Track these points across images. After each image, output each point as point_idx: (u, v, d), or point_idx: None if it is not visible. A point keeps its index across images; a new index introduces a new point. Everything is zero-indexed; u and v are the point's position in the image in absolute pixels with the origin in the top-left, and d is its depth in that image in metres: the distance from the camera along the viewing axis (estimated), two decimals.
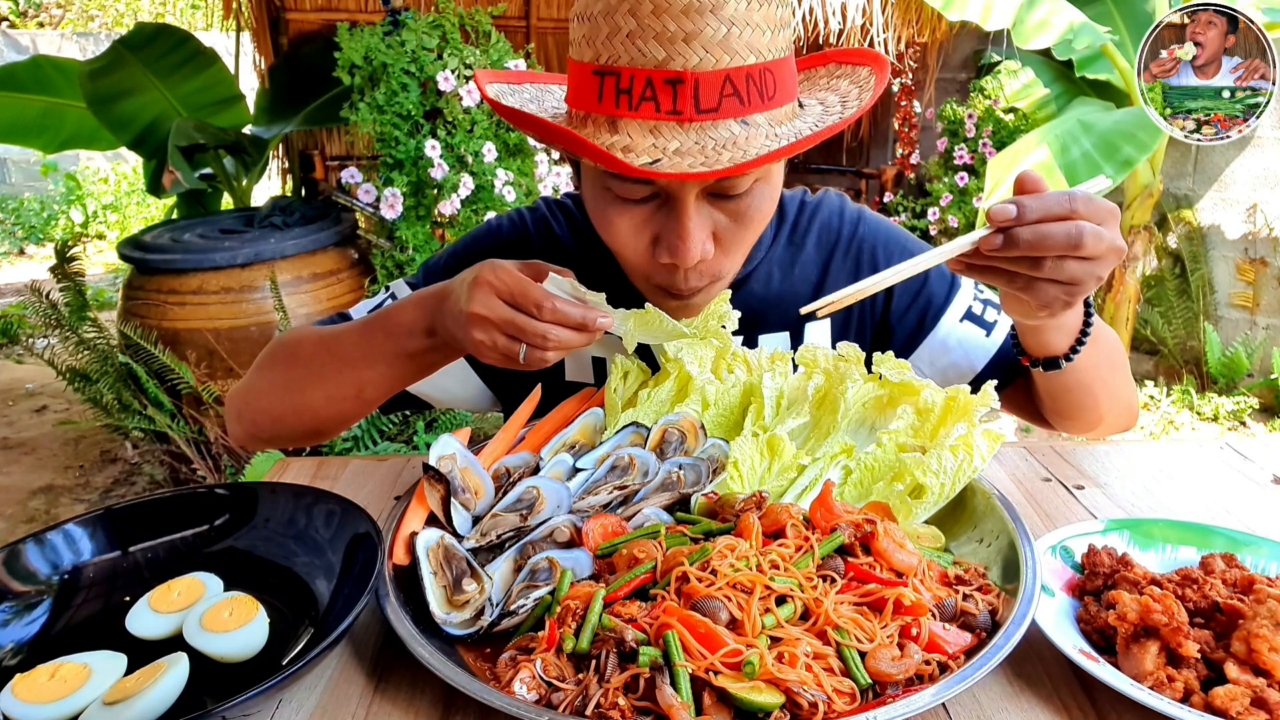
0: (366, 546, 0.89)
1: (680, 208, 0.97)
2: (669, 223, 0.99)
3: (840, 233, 1.27)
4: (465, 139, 3.80)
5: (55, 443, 4.66)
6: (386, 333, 1.10)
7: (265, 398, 1.22)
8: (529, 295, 0.93)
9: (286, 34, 5.01)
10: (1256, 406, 4.60)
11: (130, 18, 11.95)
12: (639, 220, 1.01)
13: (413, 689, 0.79)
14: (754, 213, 1.02)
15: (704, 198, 0.99)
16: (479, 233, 1.33)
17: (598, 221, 1.06)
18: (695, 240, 0.98)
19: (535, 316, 0.93)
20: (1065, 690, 0.78)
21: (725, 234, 1.02)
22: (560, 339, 0.93)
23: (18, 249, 9.06)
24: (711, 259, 1.03)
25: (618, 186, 0.99)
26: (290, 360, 1.22)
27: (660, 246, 1.01)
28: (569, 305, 0.94)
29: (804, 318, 1.24)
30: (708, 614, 0.73)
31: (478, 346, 0.97)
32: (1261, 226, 4.69)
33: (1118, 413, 1.24)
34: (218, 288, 3.75)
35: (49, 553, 0.95)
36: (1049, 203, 0.84)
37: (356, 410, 1.20)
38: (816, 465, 1.00)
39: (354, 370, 1.14)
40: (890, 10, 5.38)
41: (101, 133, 4.55)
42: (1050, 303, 0.90)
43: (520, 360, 0.95)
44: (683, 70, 0.89)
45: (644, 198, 0.99)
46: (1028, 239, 0.84)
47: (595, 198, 1.04)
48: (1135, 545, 0.95)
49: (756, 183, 1.00)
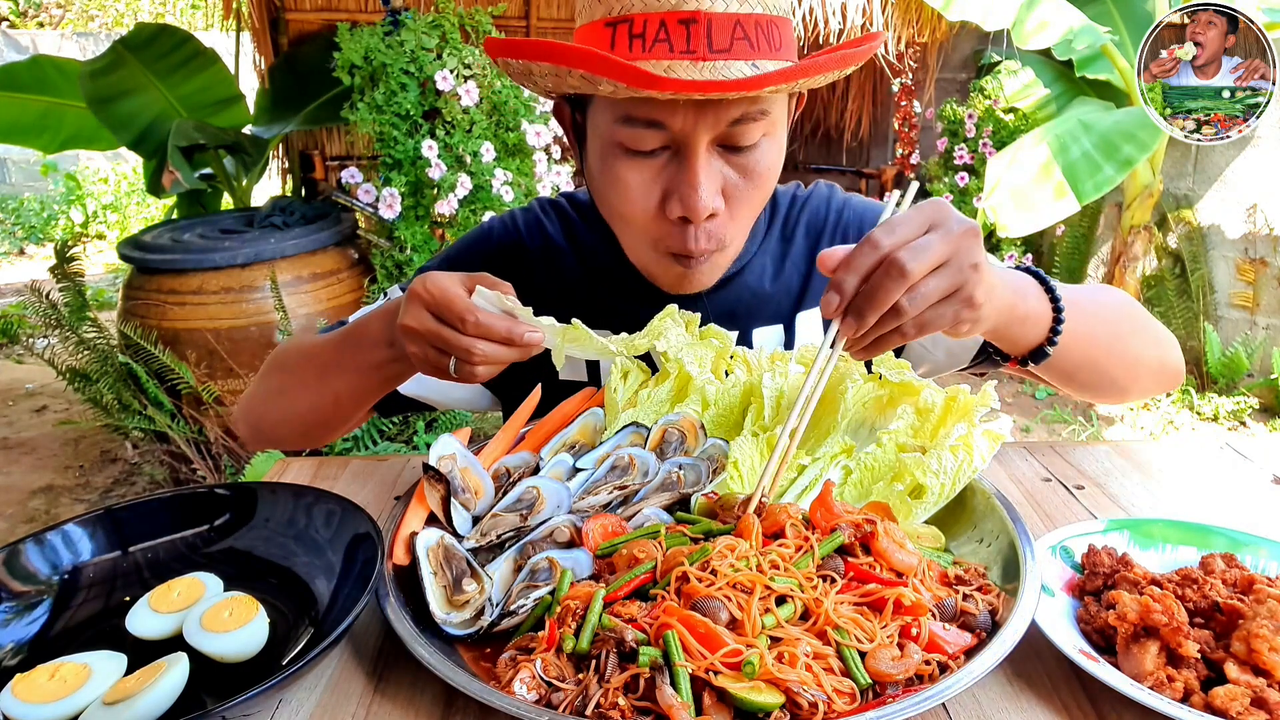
0: (366, 546, 0.89)
1: (691, 155, 0.98)
2: (680, 174, 1.00)
3: (826, 220, 1.29)
4: (464, 139, 3.80)
5: (55, 443, 4.66)
6: (356, 344, 1.13)
7: (263, 404, 1.28)
8: (453, 308, 0.93)
9: (286, 34, 5.00)
10: (1256, 406, 4.60)
11: (130, 18, 11.96)
12: (650, 175, 1.02)
13: (413, 689, 0.79)
14: (762, 169, 1.03)
15: (714, 151, 1.00)
16: (472, 236, 1.34)
17: (608, 184, 1.05)
18: (706, 190, 0.99)
19: (460, 330, 0.93)
20: (1065, 690, 0.78)
21: (734, 191, 1.03)
22: (486, 353, 0.93)
23: (18, 249, 9.06)
24: (719, 220, 1.04)
25: (629, 137, 1.00)
26: (280, 369, 1.27)
27: (671, 200, 1.02)
28: (494, 319, 0.93)
29: (795, 310, 1.25)
30: (708, 614, 0.73)
31: (413, 359, 0.99)
32: (1261, 226, 4.69)
33: (1146, 375, 1.19)
34: (218, 288, 3.75)
35: (49, 553, 0.95)
36: (859, 262, 0.82)
37: (337, 418, 1.24)
38: (816, 465, 1.00)
39: (330, 380, 1.18)
40: (890, 10, 5.38)
41: (101, 133, 4.55)
42: (955, 324, 0.86)
43: (451, 373, 0.96)
44: (696, 10, 0.91)
45: (655, 149, 1.00)
46: (862, 307, 0.82)
47: (605, 158, 1.04)
48: (1135, 545, 0.95)
49: (764, 138, 1.02)
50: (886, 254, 0.81)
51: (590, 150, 1.08)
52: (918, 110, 6.49)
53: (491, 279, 0.98)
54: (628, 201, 1.04)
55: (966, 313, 0.86)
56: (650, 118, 0.97)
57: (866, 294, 0.82)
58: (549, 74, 0.98)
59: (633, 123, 0.98)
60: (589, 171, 1.11)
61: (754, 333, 1.25)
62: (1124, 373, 1.17)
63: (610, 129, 1.01)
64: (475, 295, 0.94)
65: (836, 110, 7.25)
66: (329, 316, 3.84)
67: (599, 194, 1.11)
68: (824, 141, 7.56)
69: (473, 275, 0.99)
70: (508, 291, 0.96)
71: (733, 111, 0.97)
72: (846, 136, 7.25)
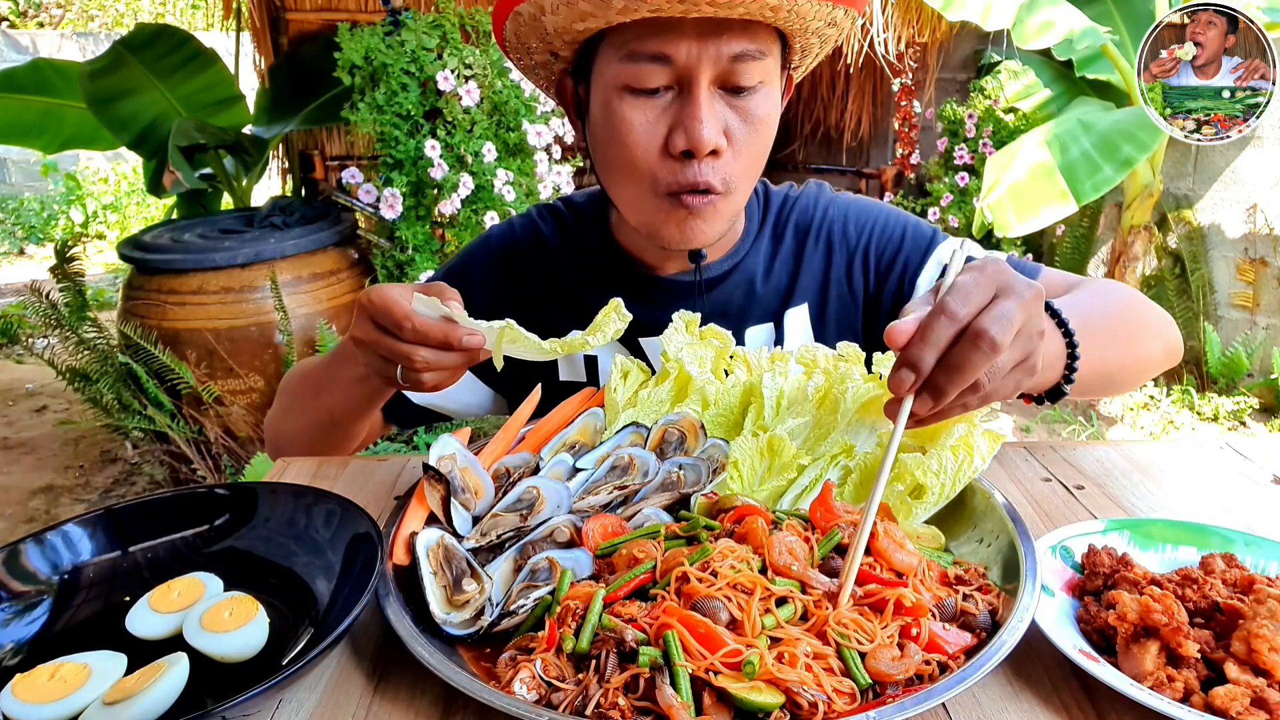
0: (366, 546, 0.89)
1: (695, 89, 1.02)
2: (684, 109, 1.03)
3: (813, 218, 1.31)
4: (465, 139, 3.80)
5: (55, 443, 4.67)
6: (340, 361, 1.16)
7: (277, 424, 1.35)
8: (391, 315, 0.93)
9: (286, 34, 5.01)
10: (1256, 406, 4.60)
11: (130, 18, 11.96)
12: (654, 114, 1.05)
13: (413, 689, 0.79)
14: (761, 114, 1.07)
15: (715, 92, 1.04)
16: (474, 245, 1.38)
17: (612, 131, 1.07)
18: (709, 124, 1.02)
19: (399, 337, 0.94)
20: (1065, 690, 0.78)
21: (735, 134, 1.06)
22: (427, 359, 0.94)
23: (18, 249, 9.06)
24: (723, 159, 1.06)
25: (634, 75, 1.02)
26: (285, 391, 1.34)
27: (676, 134, 1.04)
28: (430, 324, 0.93)
29: (784, 308, 1.26)
30: (708, 614, 0.73)
31: (367, 368, 1.02)
32: (1261, 226, 4.69)
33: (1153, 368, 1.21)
34: (218, 288, 3.75)
35: (49, 553, 0.95)
36: (936, 335, 0.76)
37: (339, 434, 1.28)
38: (816, 465, 1.00)
39: (324, 397, 1.22)
40: (890, 10, 5.38)
41: (101, 133, 4.55)
42: (1013, 393, 0.84)
43: (399, 381, 0.98)
44: None
45: (660, 88, 1.03)
46: (943, 384, 0.77)
47: (610, 105, 1.06)
48: (1135, 545, 0.95)
49: (761, 84, 1.05)
50: (967, 325, 0.76)
51: (594, 111, 1.11)
52: (918, 110, 6.49)
53: (439, 287, 0.98)
54: (632, 143, 1.06)
55: (1027, 381, 0.83)
56: (656, 51, 1.00)
57: (948, 369, 0.77)
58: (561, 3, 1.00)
59: (638, 58, 1.01)
60: (592, 137, 1.13)
61: (747, 332, 1.27)
62: (1134, 376, 1.18)
63: (616, 73, 1.04)
64: (414, 302, 0.94)
65: (836, 110, 7.24)
66: (329, 316, 3.85)
67: (602, 151, 1.12)
68: (824, 141, 7.56)
69: (428, 284, 1.00)
70: (454, 298, 0.97)
71: (734, 45, 1.00)
72: (846, 136, 7.24)
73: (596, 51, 1.07)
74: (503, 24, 1.10)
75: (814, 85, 7.20)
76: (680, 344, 1.08)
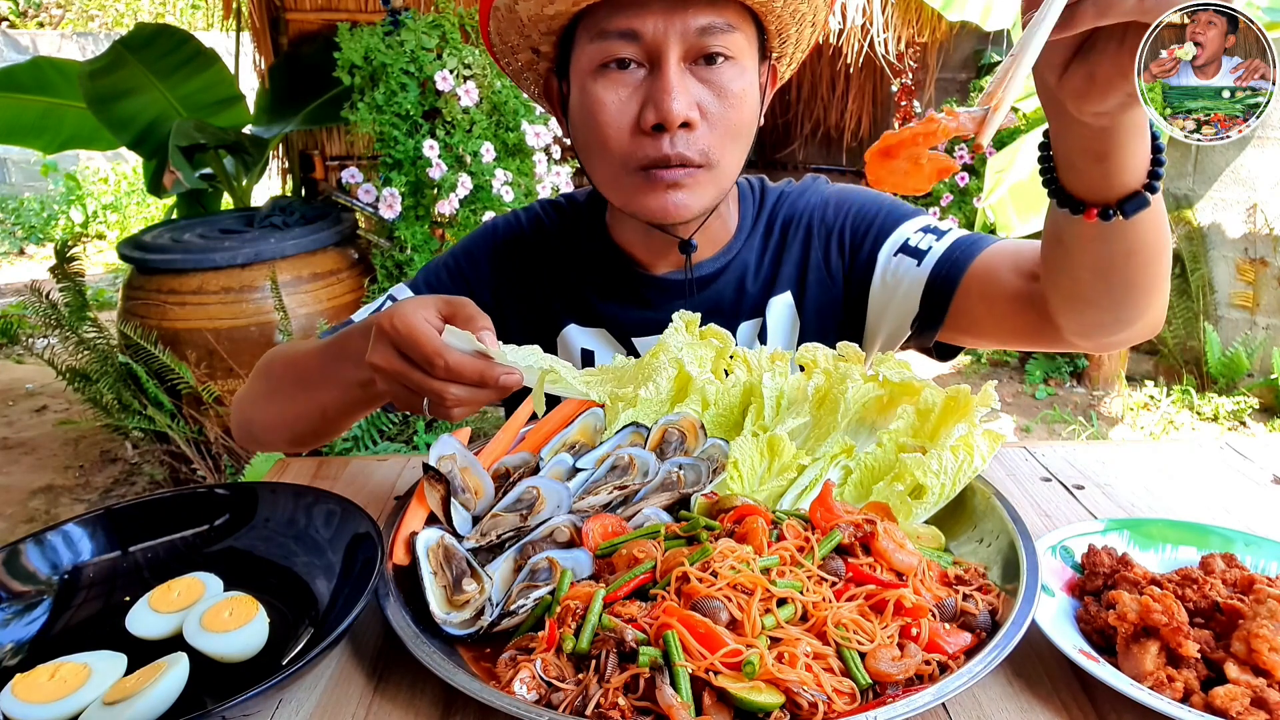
0: (366, 546, 0.89)
1: (664, 63, 1.04)
2: (654, 85, 1.05)
3: (798, 209, 1.32)
4: (464, 139, 3.80)
5: (55, 443, 4.66)
6: (339, 358, 1.11)
7: (251, 407, 1.27)
8: (420, 349, 0.87)
9: (286, 34, 5.00)
10: (1256, 406, 4.60)
11: (130, 18, 11.95)
12: (626, 92, 1.06)
13: (413, 689, 0.79)
14: (734, 89, 1.07)
15: (686, 68, 1.06)
16: (477, 235, 1.38)
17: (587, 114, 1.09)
18: (679, 96, 1.03)
19: (429, 373, 0.88)
20: (1065, 690, 0.78)
21: (708, 107, 1.07)
22: (459, 397, 0.88)
23: (18, 249, 9.06)
24: (697, 132, 1.07)
25: (604, 51, 1.05)
26: (266, 376, 1.26)
27: (647, 109, 1.05)
28: (465, 362, 0.87)
29: (766, 297, 1.26)
30: (708, 614, 0.73)
31: (386, 394, 0.96)
32: (1261, 226, 4.69)
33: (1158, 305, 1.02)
34: (218, 288, 3.75)
35: (49, 553, 0.95)
36: None
37: (326, 427, 1.23)
38: (816, 465, 1.00)
39: (315, 392, 1.16)
40: (890, 10, 5.38)
41: (101, 133, 4.54)
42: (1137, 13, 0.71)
43: (425, 412, 0.92)
44: None
45: (629, 61, 1.05)
46: None
47: (585, 90, 1.08)
48: (1135, 545, 0.95)
49: (731, 59, 1.07)
50: None
51: (572, 99, 1.13)
52: (918, 110, 6.49)
53: (468, 312, 0.92)
54: (605, 121, 1.07)
55: None
56: (624, 27, 1.03)
57: None
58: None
59: (607, 35, 1.04)
60: (573, 125, 1.15)
61: (739, 327, 1.28)
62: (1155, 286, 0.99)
63: (589, 56, 1.06)
64: (446, 334, 0.88)
65: (836, 110, 7.24)
66: (329, 316, 3.84)
67: (580, 135, 1.14)
68: (824, 141, 7.56)
69: (448, 301, 0.94)
70: (486, 327, 0.91)
71: (700, 18, 1.03)
72: (846, 137, 7.24)
73: (574, 45, 1.10)
74: (487, 26, 1.12)
75: (814, 85, 7.20)
76: (680, 344, 1.08)
